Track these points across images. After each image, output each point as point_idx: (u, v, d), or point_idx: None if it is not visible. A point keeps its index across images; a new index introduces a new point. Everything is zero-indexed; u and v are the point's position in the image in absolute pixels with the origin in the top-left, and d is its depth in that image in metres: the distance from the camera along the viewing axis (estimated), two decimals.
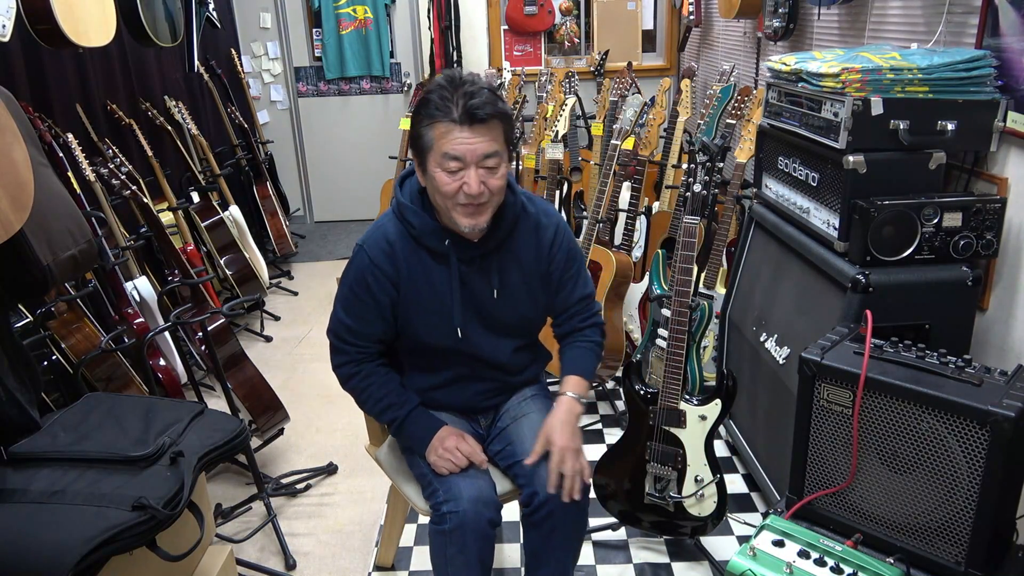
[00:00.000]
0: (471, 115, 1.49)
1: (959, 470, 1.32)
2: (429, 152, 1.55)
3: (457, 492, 1.60)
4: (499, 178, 1.57)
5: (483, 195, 1.54)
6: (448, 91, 1.51)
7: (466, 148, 1.51)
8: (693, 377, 1.98)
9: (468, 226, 1.58)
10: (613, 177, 3.00)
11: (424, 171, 1.59)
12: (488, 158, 1.53)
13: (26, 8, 2.36)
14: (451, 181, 1.53)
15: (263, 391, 2.73)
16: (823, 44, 2.82)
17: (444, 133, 1.51)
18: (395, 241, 1.65)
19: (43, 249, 1.51)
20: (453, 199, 1.55)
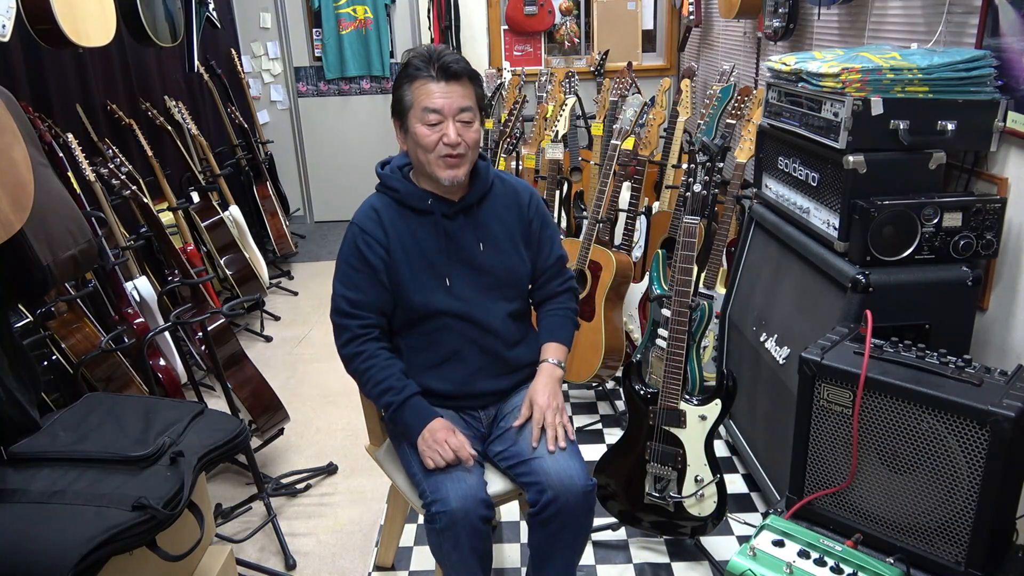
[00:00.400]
0: (446, 70, 1.66)
1: (959, 470, 1.32)
2: (410, 111, 1.69)
3: (444, 492, 1.61)
4: (474, 132, 1.72)
5: (460, 146, 1.68)
6: (425, 56, 1.69)
7: (444, 101, 1.66)
8: (693, 377, 1.98)
9: (448, 178, 1.71)
10: (613, 177, 3.00)
11: (405, 132, 1.73)
12: (463, 111, 1.68)
13: (26, 8, 2.36)
14: (431, 133, 1.67)
15: (263, 391, 2.73)
16: (823, 44, 2.82)
17: (423, 89, 1.67)
18: (380, 208, 1.79)
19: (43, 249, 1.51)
20: (434, 151, 1.69)
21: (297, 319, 4.12)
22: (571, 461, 1.69)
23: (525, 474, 1.70)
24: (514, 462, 1.74)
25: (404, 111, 1.71)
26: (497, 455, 1.80)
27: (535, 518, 1.69)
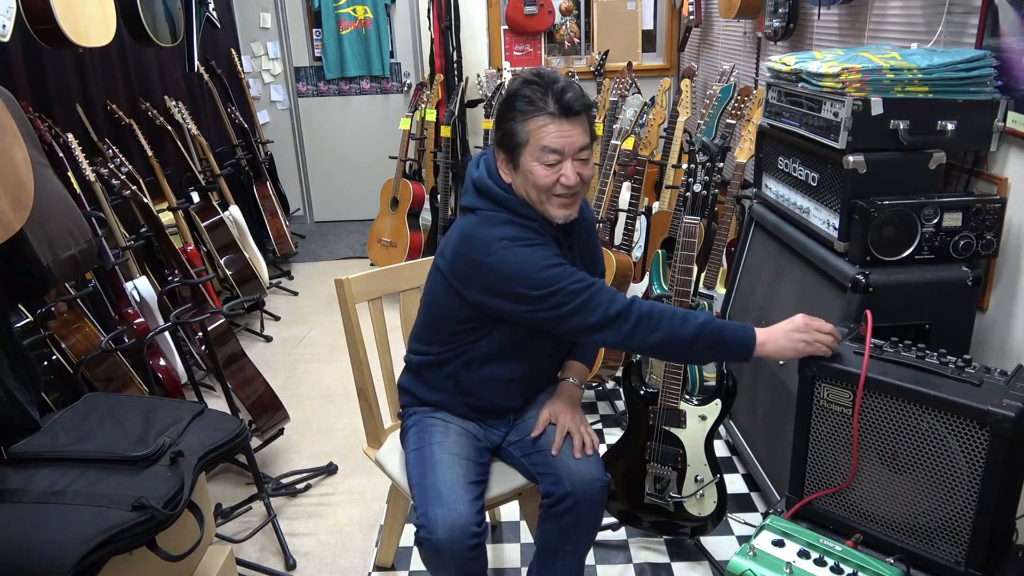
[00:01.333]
0: (567, 108, 1.55)
1: (959, 470, 1.32)
2: (524, 147, 1.58)
3: (432, 520, 1.57)
4: (590, 168, 1.64)
5: (578, 185, 1.61)
6: (540, 87, 1.57)
7: (564, 141, 1.56)
8: (693, 377, 1.98)
9: (563, 217, 1.63)
10: (613, 177, 3.00)
11: (516, 167, 1.61)
12: (583, 150, 1.59)
13: (26, 8, 2.36)
14: (549, 174, 1.58)
15: (263, 391, 2.73)
16: (823, 44, 2.82)
17: (541, 127, 1.56)
18: (513, 223, 1.63)
19: (43, 249, 1.51)
20: (550, 191, 1.60)
21: (297, 319, 4.12)
22: (590, 456, 1.72)
23: (541, 463, 1.71)
24: (531, 452, 1.75)
25: (516, 146, 1.59)
26: (513, 444, 1.80)
27: (549, 510, 1.68)
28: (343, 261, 4.96)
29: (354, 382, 2.02)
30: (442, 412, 1.82)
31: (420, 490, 1.65)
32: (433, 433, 1.76)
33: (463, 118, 4.77)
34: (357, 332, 1.95)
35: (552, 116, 1.55)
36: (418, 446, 1.75)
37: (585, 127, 1.59)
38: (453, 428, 1.79)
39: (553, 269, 1.57)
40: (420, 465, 1.71)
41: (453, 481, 1.64)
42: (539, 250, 1.60)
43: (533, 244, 1.61)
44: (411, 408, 1.87)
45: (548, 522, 1.71)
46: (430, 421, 1.80)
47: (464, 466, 1.69)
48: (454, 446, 1.73)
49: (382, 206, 4.47)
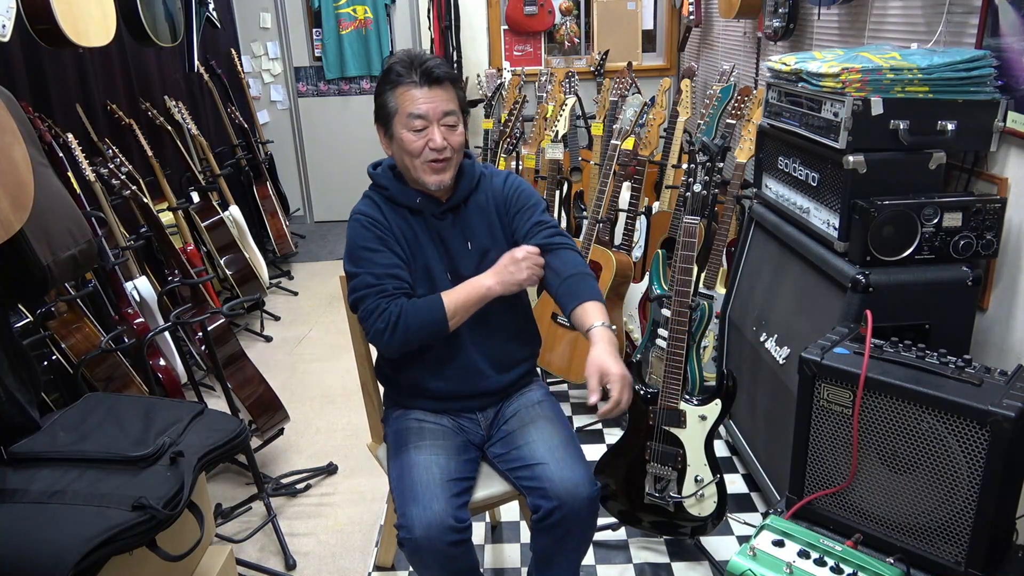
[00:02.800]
0: (429, 75, 1.67)
1: (959, 470, 1.32)
2: (394, 116, 1.69)
3: (409, 519, 1.57)
4: (459, 135, 1.72)
5: (446, 150, 1.69)
6: (406, 62, 1.69)
7: (428, 106, 1.66)
8: (693, 377, 1.98)
9: (435, 183, 1.71)
10: (613, 177, 3.00)
11: (391, 137, 1.73)
12: (448, 115, 1.69)
13: (26, 8, 2.36)
14: (417, 139, 1.68)
15: (263, 391, 2.73)
16: (823, 44, 2.82)
17: (406, 95, 1.67)
18: (379, 203, 1.80)
19: (43, 249, 1.51)
20: (420, 156, 1.69)
21: (297, 319, 4.12)
22: (575, 466, 1.66)
23: (527, 479, 1.69)
24: (516, 466, 1.73)
25: (388, 117, 1.71)
26: (498, 457, 1.79)
27: (538, 523, 1.67)
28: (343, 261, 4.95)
29: (356, 379, 2.02)
30: (415, 412, 1.84)
31: (398, 492, 1.66)
32: (408, 436, 1.77)
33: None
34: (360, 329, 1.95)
35: (415, 84, 1.66)
36: (396, 452, 1.77)
37: (451, 95, 1.69)
38: (428, 427, 1.79)
39: (364, 252, 1.72)
40: (398, 469, 1.72)
41: (428, 480, 1.64)
42: (365, 231, 1.73)
43: (368, 224, 1.74)
44: (391, 409, 1.91)
45: (539, 535, 1.70)
46: (405, 424, 1.82)
47: (442, 464, 1.69)
48: (430, 447, 1.73)
49: None
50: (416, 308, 1.69)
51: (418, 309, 1.69)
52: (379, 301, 1.69)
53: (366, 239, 1.74)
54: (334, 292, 4.42)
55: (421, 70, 1.67)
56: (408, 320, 1.67)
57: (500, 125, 3.78)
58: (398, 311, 1.67)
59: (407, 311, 1.68)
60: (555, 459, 1.67)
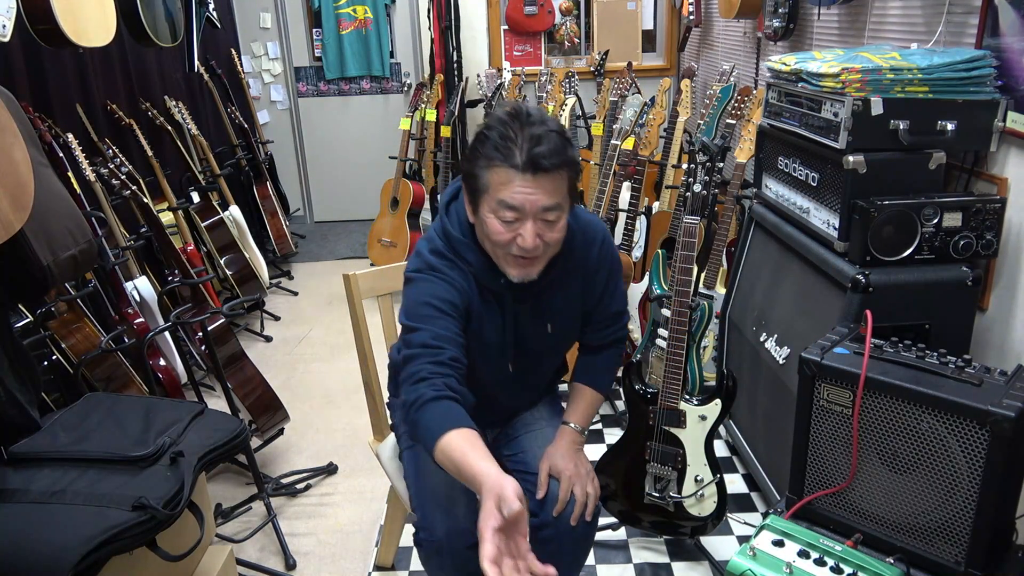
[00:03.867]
0: (535, 164, 1.35)
1: (959, 470, 1.32)
2: (483, 195, 1.41)
3: (431, 523, 1.55)
4: (558, 231, 1.44)
5: (537, 249, 1.42)
6: (512, 130, 1.37)
7: (524, 199, 1.37)
8: (693, 377, 1.98)
9: (518, 277, 1.48)
10: (613, 177, 3.00)
11: (475, 211, 1.46)
12: (548, 211, 1.40)
13: (26, 8, 2.36)
14: (505, 231, 1.41)
15: (263, 391, 2.73)
16: (823, 44, 2.82)
17: (503, 179, 1.37)
18: (458, 268, 1.53)
19: (43, 249, 1.51)
20: (504, 249, 1.44)
21: (297, 319, 4.12)
22: None
23: (530, 479, 1.66)
24: (521, 470, 1.71)
25: (476, 192, 1.42)
26: (507, 458, 1.78)
27: (533, 532, 1.64)
28: (343, 261, 4.96)
29: (358, 378, 2.03)
30: None
31: (417, 491, 1.64)
32: None
33: (463, 118, 4.77)
34: (363, 327, 1.96)
35: (516, 170, 1.36)
36: (411, 443, 1.73)
37: (557, 186, 1.39)
38: None
39: (427, 309, 1.45)
40: (415, 464, 1.69)
41: (450, 483, 1.59)
42: (437, 287, 1.48)
43: (445, 283, 1.48)
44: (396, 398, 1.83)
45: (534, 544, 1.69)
46: None
47: None
48: None
49: (382, 206, 4.47)
50: (427, 417, 1.36)
51: (427, 420, 1.36)
52: (424, 366, 1.41)
53: (438, 298, 1.47)
54: (334, 292, 4.42)
55: (528, 155, 1.34)
56: (417, 421, 1.39)
57: None
58: (417, 400, 1.38)
59: (422, 412, 1.37)
60: (571, 526, 1.60)
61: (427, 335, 1.43)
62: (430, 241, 1.55)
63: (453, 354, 1.43)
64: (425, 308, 1.46)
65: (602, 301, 1.69)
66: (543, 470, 1.61)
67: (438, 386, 1.38)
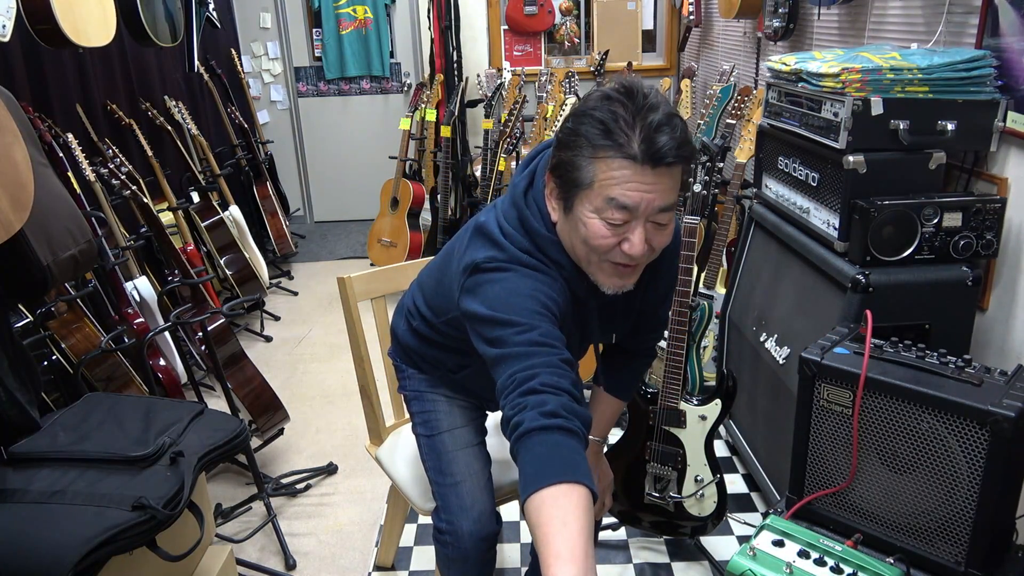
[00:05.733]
0: (658, 156, 1.12)
1: (959, 470, 1.32)
2: (584, 190, 1.18)
3: (457, 525, 1.55)
4: (667, 235, 1.23)
5: (644, 256, 1.22)
6: (627, 111, 1.14)
7: (641, 197, 1.15)
8: (693, 377, 1.98)
9: (613, 288, 1.27)
10: None
11: (567, 208, 1.22)
12: (663, 212, 1.19)
13: (26, 8, 2.36)
14: (609, 235, 1.19)
15: (263, 391, 2.73)
16: (823, 44, 2.82)
17: (615, 173, 1.14)
18: (541, 266, 1.29)
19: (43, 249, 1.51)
20: (603, 255, 1.22)
21: (297, 319, 4.12)
22: None
23: None
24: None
25: (575, 185, 1.18)
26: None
27: None
28: (343, 261, 4.96)
29: (356, 380, 2.02)
30: (442, 388, 1.70)
31: (441, 493, 1.61)
32: (439, 415, 1.68)
33: (463, 118, 4.77)
34: (359, 330, 1.96)
35: (633, 161, 1.13)
36: (428, 432, 1.68)
37: (676, 183, 1.18)
38: (457, 404, 1.69)
39: (532, 304, 1.21)
40: (435, 458, 1.65)
41: (473, 486, 1.60)
42: (535, 284, 1.24)
43: (542, 285, 1.25)
44: (407, 369, 1.72)
45: None
46: (431, 398, 1.69)
47: (477, 455, 1.65)
48: (463, 432, 1.66)
49: (382, 206, 4.47)
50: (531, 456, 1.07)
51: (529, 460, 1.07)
52: (541, 372, 1.13)
53: (542, 296, 1.22)
54: (334, 292, 4.41)
55: (650, 145, 1.11)
56: (520, 450, 1.09)
57: (500, 125, 3.78)
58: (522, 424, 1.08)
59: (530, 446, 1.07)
60: None
61: (537, 333, 1.16)
62: (508, 236, 1.28)
63: (567, 356, 1.17)
64: (530, 302, 1.20)
65: (661, 304, 1.56)
66: None
67: (551, 407, 1.08)
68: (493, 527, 1.59)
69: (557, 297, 1.25)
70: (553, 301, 1.23)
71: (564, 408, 1.08)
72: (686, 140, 1.15)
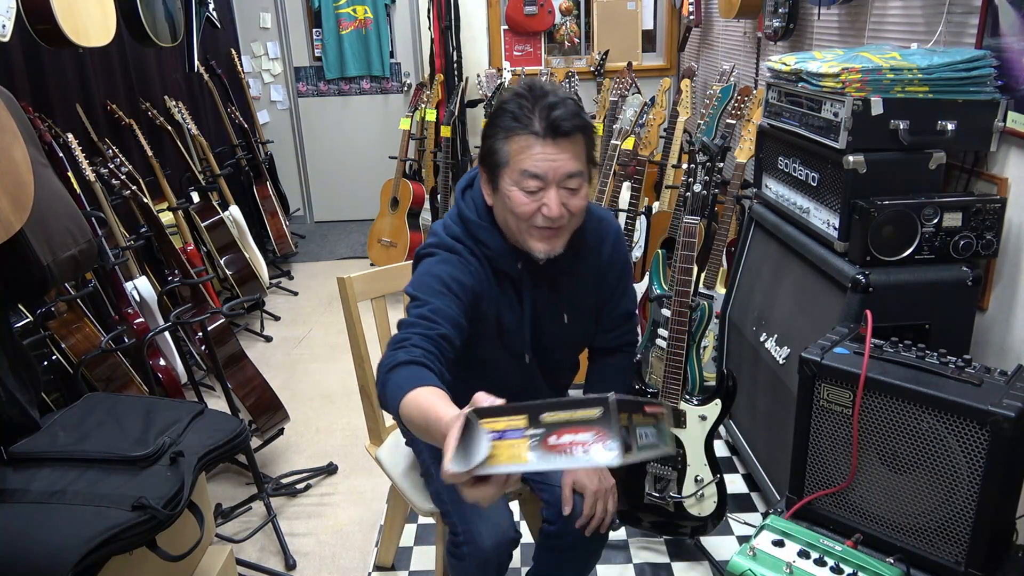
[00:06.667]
0: (555, 128, 1.36)
1: (959, 470, 1.32)
2: (504, 168, 1.41)
3: (476, 535, 1.52)
4: (580, 199, 1.43)
5: (563, 218, 1.41)
6: (528, 101, 1.38)
7: (548, 165, 1.37)
8: (693, 377, 1.98)
9: (543, 252, 1.45)
10: (613, 177, 3.00)
11: (495, 188, 1.45)
12: (571, 178, 1.40)
13: (26, 8, 2.36)
14: (529, 202, 1.40)
15: (263, 391, 2.73)
16: (823, 44, 2.82)
17: (523, 148, 1.38)
18: (473, 252, 1.51)
19: (43, 249, 1.51)
20: (528, 221, 1.42)
21: (297, 319, 4.12)
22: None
23: (548, 493, 1.65)
24: (540, 482, 1.69)
25: (496, 166, 1.42)
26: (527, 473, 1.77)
27: (548, 540, 1.65)
28: (343, 261, 4.96)
29: (356, 380, 2.02)
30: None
31: (454, 503, 1.59)
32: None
33: (463, 118, 4.77)
34: (359, 330, 1.96)
35: (536, 136, 1.36)
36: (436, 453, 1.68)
37: (577, 152, 1.40)
38: None
39: (436, 284, 1.42)
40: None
41: None
42: (451, 268, 1.45)
43: (457, 267, 1.45)
44: None
45: (546, 552, 1.68)
46: None
47: None
48: None
49: (382, 206, 4.47)
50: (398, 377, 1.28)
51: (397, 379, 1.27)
52: (412, 335, 1.35)
53: (449, 276, 1.45)
54: (334, 292, 4.41)
55: (547, 121, 1.36)
56: (386, 381, 1.30)
57: None
58: (392, 362, 1.31)
59: (393, 373, 1.29)
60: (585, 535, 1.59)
61: (427, 308, 1.40)
62: (446, 226, 1.53)
63: (445, 332, 1.38)
64: (434, 281, 1.44)
65: (612, 299, 1.68)
66: (567, 485, 1.58)
67: (416, 355, 1.32)
68: (511, 533, 1.55)
69: (466, 278, 1.46)
70: (457, 282, 1.45)
71: (424, 357, 1.32)
72: (578, 114, 1.39)
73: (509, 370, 1.61)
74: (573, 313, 1.62)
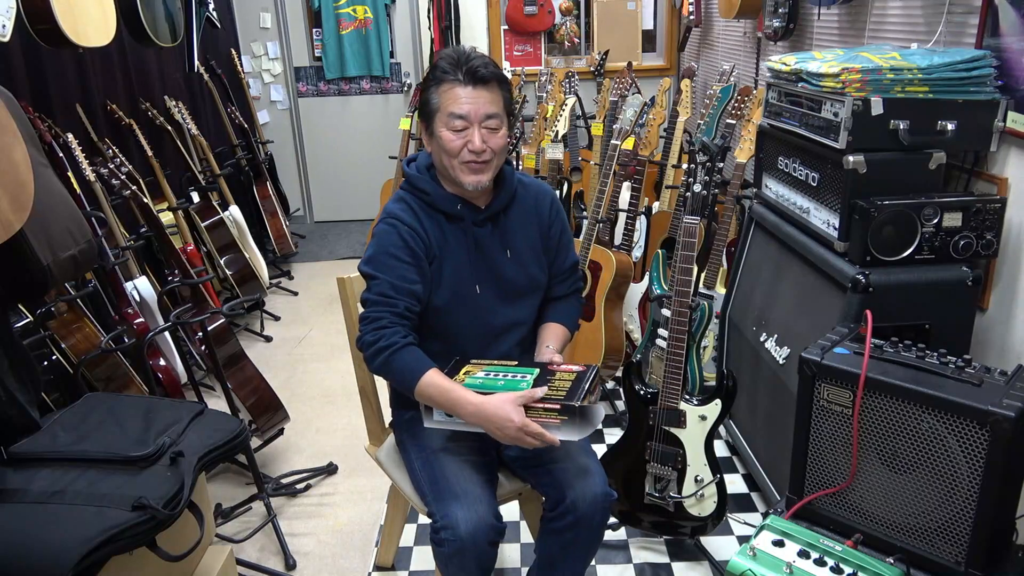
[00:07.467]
0: (474, 75, 1.63)
1: (959, 470, 1.32)
2: (436, 114, 1.66)
3: (454, 521, 1.56)
4: (500, 138, 1.68)
5: (486, 152, 1.65)
6: (453, 59, 1.65)
7: (470, 107, 1.63)
8: (693, 377, 1.98)
9: (472, 183, 1.67)
10: (613, 177, 3.00)
11: (431, 135, 1.69)
12: (490, 118, 1.65)
13: (26, 8, 2.36)
14: (456, 138, 1.64)
15: (263, 391, 2.73)
16: (823, 44, 2.82)
17: (449, 93, 1.64)
18: (414, 206, 1.74)
19: (43, 249, 1.51)
20: (458, 156, 1.66)
21: (297, 319, 4.12)
22: (593, 471, 1.68)
23: (544, 476, 1.69)
24: (534, 466, 1.72)
25: (431, 114, 1.68)
26: (514, 459, 1.78)
27: (550, 524, 1.67)
28: (343, 261, 4.96)
29: (356, 381, 2.02)
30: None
31: (435, 493, 1.64)
32: (432, 438, 1.74)
33: None
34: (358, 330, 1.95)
35: (459, 82, 1.63)
36: (422, 453, 1.75)
37: (495, 96, 1.66)
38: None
39: (390, 259, 1.66)
40: (429, 470, 1.70)
41: (467, 480, 1.63)
42: (398, 239, 1.67)
43: (403, 232, 1.68)
44: (403, 411, 1.86)
45: (549, 536, 1.70)
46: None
47: (473, 466, 1.68)
48: (457, 448, 1.72)
49: (382, 206, 4.46)
50: (403, 361, 1.61)
51: (404, 363, 1.62)
52: (385, 314, 1.63)
53: (396, 246, 1.68)
54: (334, 292, 4.40)
55: (466, 68, 1.63)
56: (392, 363, 1.62)
57: None
58: (389, 345, 1.61)
59: (396, 356, 1.61)
60: (573, 463, 1.68)
61: (385, 284, 1.65)
62: (396, 195, 1.78)
63: (408, 304, 1.65)
64: (385, 257, 1.67)
65: (559, 253, 1.87)
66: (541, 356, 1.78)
67: (403, 334, 1.63)
68: (490, 516, 1.58)
69: (417, 238, 1.69)
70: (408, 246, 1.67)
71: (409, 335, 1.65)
72: (493, 65, 1.66)
73: (462, 309, 1.75)
74: (513, 251, 1.79)
